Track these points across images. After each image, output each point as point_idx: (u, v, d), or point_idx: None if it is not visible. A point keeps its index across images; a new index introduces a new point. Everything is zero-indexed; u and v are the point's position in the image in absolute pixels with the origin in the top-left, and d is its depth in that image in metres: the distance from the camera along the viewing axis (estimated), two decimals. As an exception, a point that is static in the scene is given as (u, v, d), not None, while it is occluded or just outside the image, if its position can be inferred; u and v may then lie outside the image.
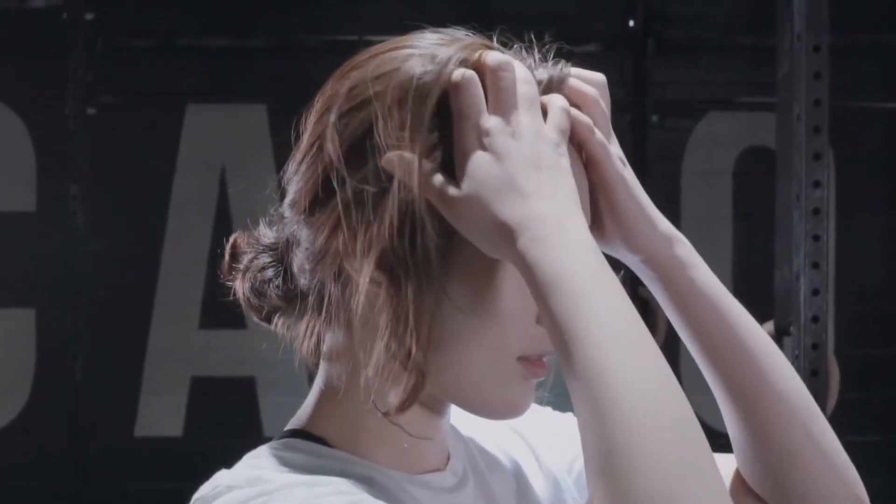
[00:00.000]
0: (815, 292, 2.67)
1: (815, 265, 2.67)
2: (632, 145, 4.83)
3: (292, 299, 1.08)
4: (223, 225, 5.07)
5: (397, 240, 0.99)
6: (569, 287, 0.92)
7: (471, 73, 1.01)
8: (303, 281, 1.07)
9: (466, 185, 0.97)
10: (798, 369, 2.70)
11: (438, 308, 0.99)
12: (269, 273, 1.10)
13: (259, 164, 4.91)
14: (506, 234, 0.95)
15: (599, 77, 1.11)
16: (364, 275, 1.00)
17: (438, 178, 0.99)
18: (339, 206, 1.00)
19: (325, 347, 1.08)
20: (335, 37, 4.93)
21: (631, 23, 4.89)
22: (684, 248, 1.13)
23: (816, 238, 2.68)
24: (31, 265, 5.06)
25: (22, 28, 4.98)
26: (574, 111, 1.05)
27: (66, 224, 4.85)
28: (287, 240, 1.08)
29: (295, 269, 1.07)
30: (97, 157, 4.92)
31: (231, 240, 1.13)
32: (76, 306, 4.85)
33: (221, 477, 0.99)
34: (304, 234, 1.05)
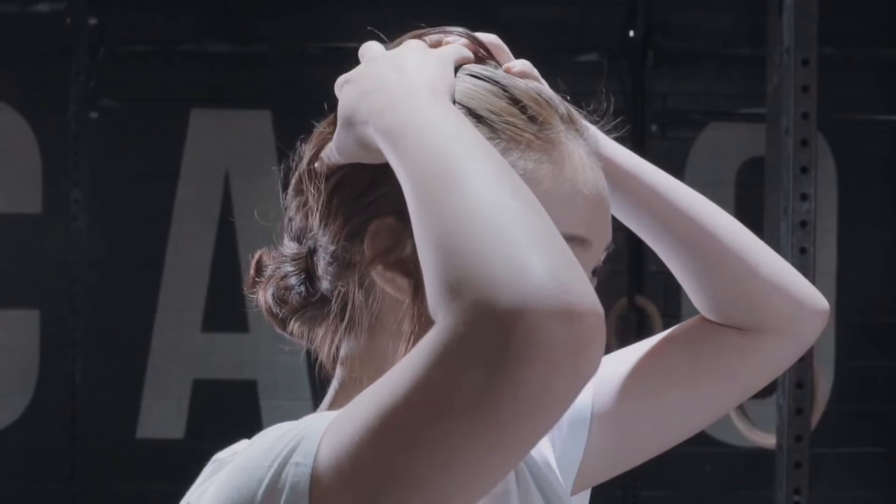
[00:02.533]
0: (801, 304, 2.68)
1: (802, 277, 2.68)
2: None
3: (314, 305, 1.10)
4: (226, 229, 5.10)
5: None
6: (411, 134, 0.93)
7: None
8: (325, 286, 1.08)
9: (338, 119, 1.03)
10: (783, 381, 2.71)
11: None
12: (292, 281, 1.11)
13: (263, 170, 4.91)
14: (363, 126, 0.99)
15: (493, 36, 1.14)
16: (387, 281, 1.03)
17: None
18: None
19: (343, 352, 1.09)
20: (336, 44, 4.96)
21: (631, 33, 4.90)
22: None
23: (803, 251, 2.69)
24: (36, 267, 5.10)
25: (26, 32, 5.01)
26: (483, 35, 1.11)
27: (68, 227, 4.88)
28: (310, 248, 1.10)
29: (318, 274, 1.09)
30: (99, 161, 4.95)
31: (256, 255, 1.14)
32: (78, 309, 4.87)
33: (240, 444, 1.02)
34: (325, 240, 1.07)
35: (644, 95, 4.93)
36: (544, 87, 1.10)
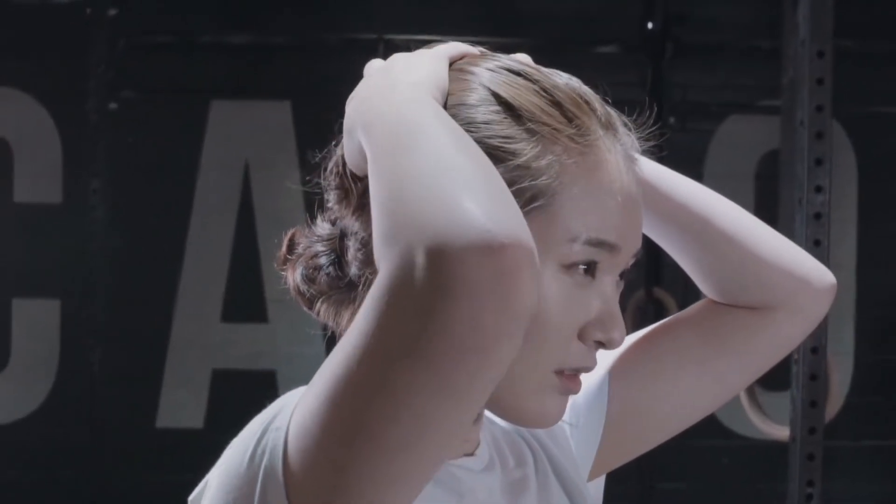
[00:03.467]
0: (816, 296, 2.68)
1: (816, 270, 2.67)
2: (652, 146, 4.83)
3: (342, 288, 1.11)
4: (246, 219, 5.12)
5: None
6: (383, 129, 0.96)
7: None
8: (353, 272, 1.09)
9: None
10: (797, 373, 2.72)
11: None
12: (322, 260, 1.12)
13: (283, 161, 4.95)
14: (356, 133, 1.01)
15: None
16: None
17: None
18: None
19: None
20: (354, 35, 4.97)
21: (650, 25, 4.89)
22: None
23: (817, 243, 2.70)
24: (57, 256, 5.12)
25: (46, 23, 5.03)
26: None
27: (87, 217, 4.90)
28: (342, 231, 1.11)
29: (348, 259, 1.10)
30: (118, 152, 4.97)
31: (289, 233, 1.16)
32: (97, 299, 4.90)
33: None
34: (356, 227, 1.09)
35: (662, 87, 4.92)
36: (585, 87, 1.11)
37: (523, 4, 5.06)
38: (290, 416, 0.91)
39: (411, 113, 0.94)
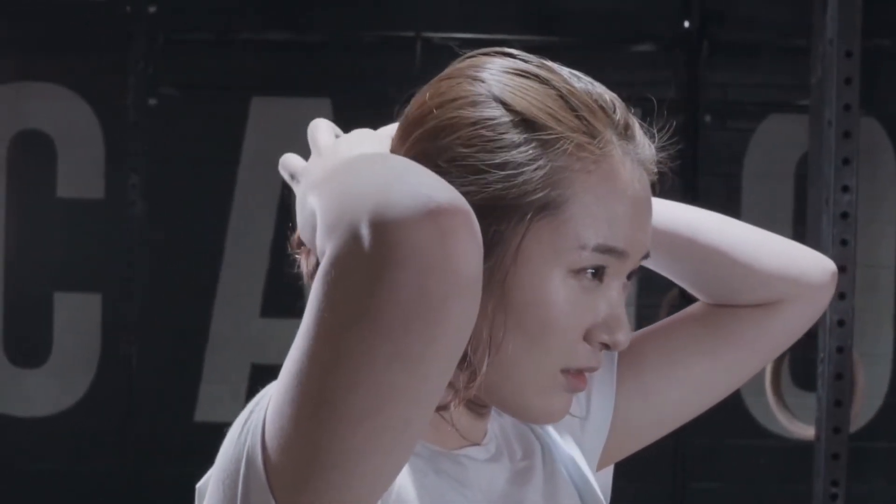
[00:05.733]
0: (842, 296, 2.68)
1: (843, 269, 2.67)
2: (684, 145, 4.83)
3: None
4: (286, 216, 5.14)
5: None
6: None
7: None
8: None
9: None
10: (822, 373, 2.72)
11: (497, 315, 1.05)
12: None
13: (322, 157, 4.97)
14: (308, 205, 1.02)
15: None
16: None
17: None
18: None
19: None
20: (391, 33, 4.99)
21: (686, 24, 4.89)
22: None
23: (844, 242, 2.69)
24: (99, 251, 5.17)
25: (87, 20, 5.08)
26: None
27: (127, 213, 4.95)
28: None
29: None
30: (157, 147, 5.02)
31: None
32: (136, 293, 4.95)
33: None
34: None
35: (698, 86, 4.91)
36: (605, 91, 1.11)
37: (560, 3, 5.06)
38: (265, 408, 0.93)
39: (353, 156, 0.98)
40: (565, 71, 1.11)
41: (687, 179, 4.91)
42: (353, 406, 0.86)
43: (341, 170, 0.94)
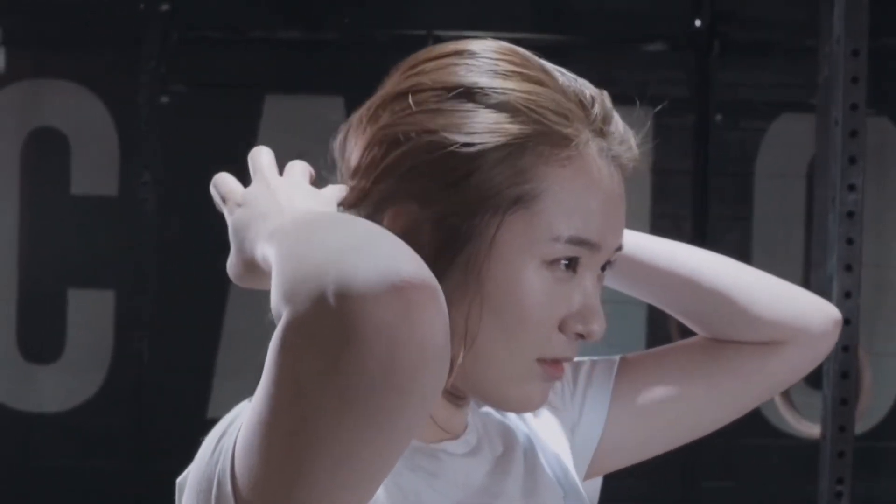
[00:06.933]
0: (847, 295, 2.69)
1: (848, 268, 2.68)
2: (695, 145, 4.84)
3: None
4: (298, 213, 5.15)
5: (442, 235, 1.07)
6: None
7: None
8: None
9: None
10: (828, 371, 2.72)
11: (473, 307, 1.06)
12: None
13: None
14: (251, 250, 1.05)
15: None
16: None
17: None
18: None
19: None
20: (404, 31, 5.00)
21: (697, 23, 4.88)
22: None
23: (850, 241, 2.69)
24: (112, 248, 5.19)
25: (101, 18, 5.09)
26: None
27: (140, 209, 4.97)
28: None
29: None
30: (169, 144, 5.03)
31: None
32: (146, 290, 4.96)
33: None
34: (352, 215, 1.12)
35: (709, 86, 4.91)
36: (586, 86, 1.13)
37: (571, 2, 5.06)
38: (237, 431, 0.94)
39: (313, 214, 0.98)
40: (548, 65, 1.13)
41: (698, 179, 4.91)
42: (320, 466, 0.85)
43: (303, 227, 0.94)
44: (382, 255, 0.84)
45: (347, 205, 1.13)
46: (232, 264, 1.09)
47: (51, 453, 5.25)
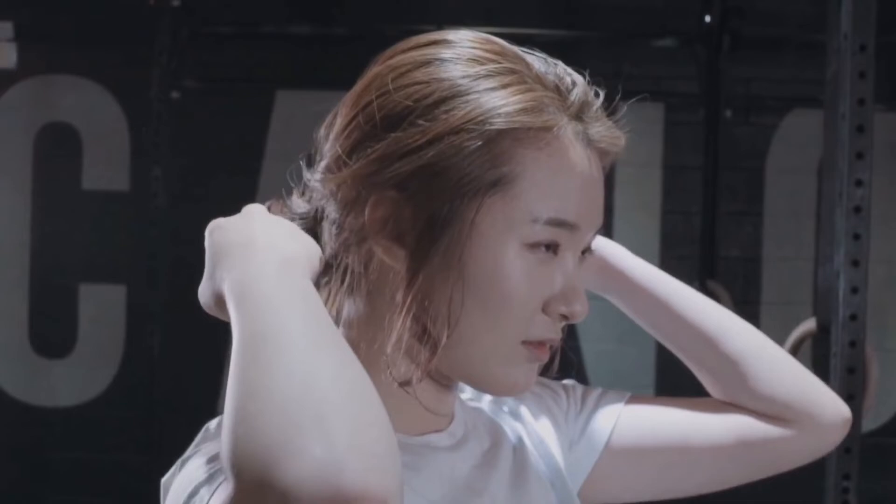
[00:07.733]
0: (854, 290, 2.69)
1: (855, 263, 2.68)
2: (705, 140, 4.83)
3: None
4: (310, 208, 5.16)
5: (422, 220, 1.08)
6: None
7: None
8: (328, 252, 1.13)
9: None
10: (835, 366, 2.72)
11: (455, 290, 1.07)
12: None
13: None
14: (220, 281, 1.06)
15: None
16: (385, 251, 1.09)
17: None
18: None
19: (343, 315, 1.14)
20: (415, 26, 5.00)
21: (707, 18, 4.88)
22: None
23: (857, 236, 2.69)
24: (124, 243, 5.20)
25: (112, 13, 5.11)
26: None
27: (151, 204, 4.98)
28: (317, 210, 1.15)
29: (324, 240, 1.14)
30: (180, 139, 5.04)
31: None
32: (158, 285, 4.97)
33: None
34: (332, 206, 1.13)
35: (720, 81, 4.91)
36: (564, 71, 1.14)
37: (583, -4, 5.07)
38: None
39: (277, 312, 0.94)
40: (524, 54, 1.14)
41: (709, 175, 4.90)
42: None
43: (265, 329, 0.92)
44: (330, 446, 0.82)
45: (329, 193, 1.13)
46: (203, 291, 1.10)
47: (63, 447, 5.26)
